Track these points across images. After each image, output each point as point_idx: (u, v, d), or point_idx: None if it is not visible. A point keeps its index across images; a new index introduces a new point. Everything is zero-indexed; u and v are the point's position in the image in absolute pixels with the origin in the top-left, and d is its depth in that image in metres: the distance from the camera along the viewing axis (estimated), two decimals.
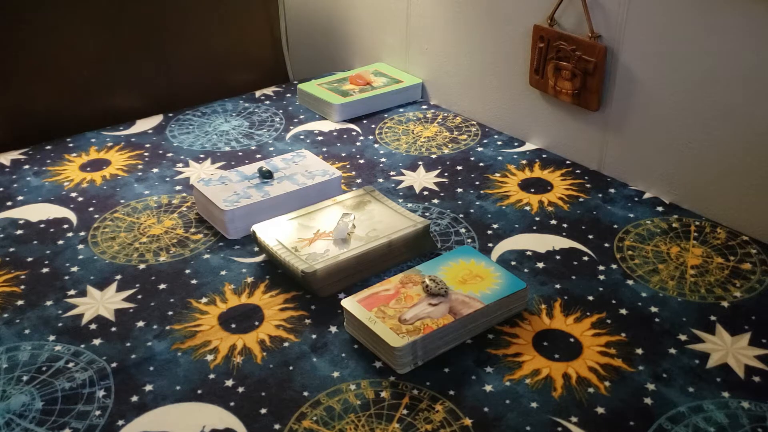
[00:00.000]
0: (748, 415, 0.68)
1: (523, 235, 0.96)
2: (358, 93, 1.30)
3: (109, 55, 1.28)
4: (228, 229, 0.95)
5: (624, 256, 0.91)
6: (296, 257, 0.85)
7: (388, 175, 1.10)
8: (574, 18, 1.06)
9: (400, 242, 0.89)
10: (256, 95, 1.38)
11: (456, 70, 1.29)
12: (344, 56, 1.53)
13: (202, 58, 1.40)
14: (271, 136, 1.23)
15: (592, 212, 1.00)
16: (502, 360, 0.75)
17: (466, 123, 1.27)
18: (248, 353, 0.77)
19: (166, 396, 0.72)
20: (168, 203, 1.04)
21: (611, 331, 0.79)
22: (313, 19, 1.57)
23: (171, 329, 0.80)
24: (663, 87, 0.99)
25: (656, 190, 1.04)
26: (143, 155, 1.17)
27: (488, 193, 1.05)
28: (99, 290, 0.86)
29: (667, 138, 1.01)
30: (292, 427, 0.68)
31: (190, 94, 1.37)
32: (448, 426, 0.68)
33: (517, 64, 1.17)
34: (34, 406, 0.70)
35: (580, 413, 0.69)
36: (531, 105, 1.18)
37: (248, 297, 0.85)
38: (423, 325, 0.74)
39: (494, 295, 0.78)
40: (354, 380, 0.73)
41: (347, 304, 0.78)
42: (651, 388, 0.72)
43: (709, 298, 0.84)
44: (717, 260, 0.90)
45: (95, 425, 0.68)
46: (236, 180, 1.00)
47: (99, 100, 1.30)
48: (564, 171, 1.11)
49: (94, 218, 1.00)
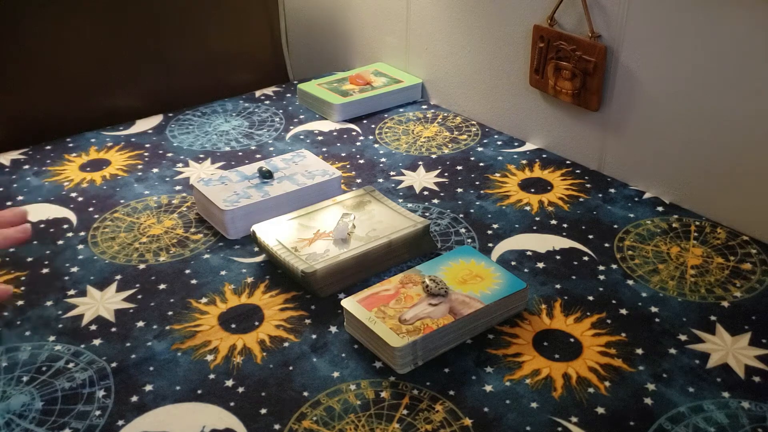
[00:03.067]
0: (748, 415, 0.68)
1: (523, 235, 0.96)
2: (358, 93, 1.30)
3: (109, 55, 1.28)
4: (228, 229, 0.95)
5: (624, 256, 0.91)
6: (296, 257, 0.85)
7: (388, 175, 1.10)
8: (574, 18, 1.06)
9: (400, 242, 0.89)
10: (256, 95, 1.38)
11: (456, 70, 1.29)
12: (344, 56, 1.53)
13: (202, 58, 1.40)
14: (271, 136, 1.23)
15: (592, 212, 1.00)
16: (502, 360, 0.75)
17: (466, 123, 1.27)
18: (248, 353, 0.77)
19: (166, 396, 0.72)
20: (168, 203, 1.04)
21: (611, 331, 0.79)
22: (313, 19, 1.57)
23: (171, 329, 0.80)
24: (663, 87, 0.99)
25: (656, 190, 1.04)
26: (143, 155, 1.17)
27: (488, 193, 1.05)
28: (99, 290, 0.86)
29: (667, 138, 1.01)
30: (292, 427, 0.68)
31: (190, 94, 1.37)
32: (448, 426, 0.68)
33: (517, 64, 1.17)
34: (34, 406, 0.70)
35: (580, 413, 0.69)
36: (531, 105, 1.18)
37: (248, 297, 0.85)
38: (423, 325, 0.74)
39: (494, 295, 0.79)
40: (354, 380, 0.73)
41: (347, 304, 0.78)
42: (651, 388, 0.72)
43: (710, 298, 0.84)
44: (717, 260, 0.90)
45: (95, 425, 0.68)
46: (236, 180, 1.00)
47: (99, 100, 1.30)
48: (564, 171, 1.11)
49: (94, 218, 1.00)
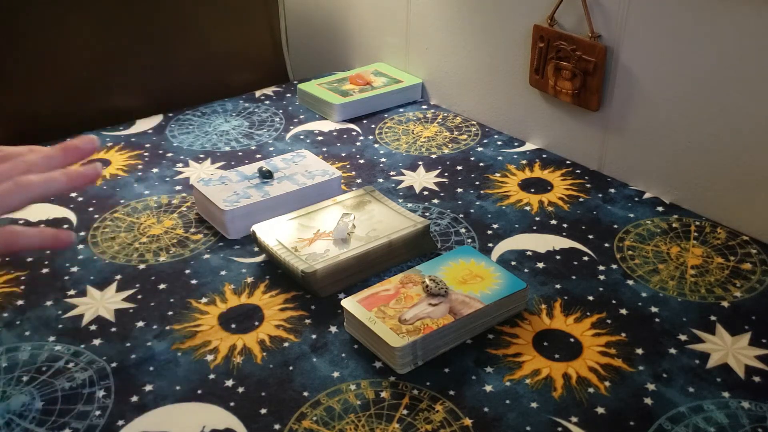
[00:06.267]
0: (748, 415, 0.68)
1: (523, 235, 0.96)
2: (358, 93, 1.30)
3: (109, 55, 1.28)
4: (228, 229, 0.95)
5: (624, 256, 0.91)
6: (296, 257, 0.85)
7: (388, 175, 1.10)
8: (574, 18, 1.06)
9: (400, 242, 0.89)
10: (256, 95, 1.38)
11: (456, 70, 1.29)
12: (344, 56, 1.53)
13: (202, 58, 1.40)
14: (271, 136, 1.23)
15: (592, 212, 1.00)
16: (502, 360, 0.75)
17: (466, 123, 1.27)
18: (248, 353, 0.77)
19: (166, 396, 0.72)
20: (168, 203, 1.04)
21: (611, 331, 0.79)
22: (313, 19, 1.57)
23: (171, 329, 0.80)
24: (663, 87, 0.99)
25: (656, 190, 1.04)
26: (143, 155, 1.17)
27: (488, 193, 1.05)
28: (99, 290, 0.86)
29: (667, 138, 1.01)
30: (292, 427, 0.68)
31: (190, 94, 1.37)
32: (448, 426, 0.68)
33: (517, 64, 1.17)
34: (34, 406, 0.70)
35: (580, 413, 0.69)
36: (531, 105, 1.18)
37: (248, 297, 0.85)
38: (423, 325, 0.74)
39: (494, 295, 0.79)
40: (354, 380, 0.73)
41: (347, 304, 0.78)
42: (651, 388, 0.72)
43: (709, 298, 0.84)
44: (717, 260, 0.90)
45: (95, 425, 0.68)
46: (236, 180, 1.00)
47: (99, 100, 1.30)
48: (564, 171, 1.11)
49: (94, 218, 1.00)
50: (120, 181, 1.09)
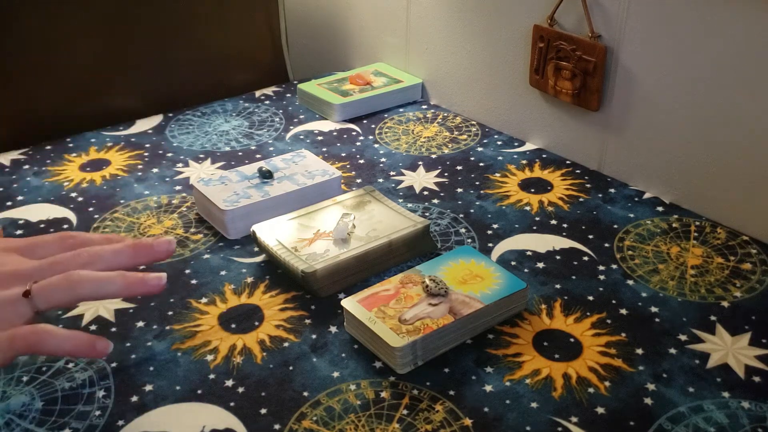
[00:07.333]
0: (748, 415, 0.68)
1: (523, 235, 0.96)
2: (358, 93, 1.30)
3: (109, 55, 1.28)
4: (228, 229, 0.95)
5: (624, 256, 0.91)
6: (296, 257, 0.85)
7: (388, 175, 1.10)
8: (574, 18, 1.06)
9: (400, 242, 0.89)
10: (256, 95, 1.38)
11: (456, 70, 1.29)
12: (344, 56, 1.53)
13: (202, 58, 1.40)
14: (271, 136, 1.23)
15: (592, 212, 1.00)
16: (502, 360, 0.75)
17: (466, 123, 1.27)
18: (248, 353, 0.77)
19: (166, 396, 0.72)
20: (168, 203, 1.04)
21: (611, 331, 0.79)
22: (313, 19, 1.57)
23: (171, 329, 0.80)
24: (663, 87, 0.99)
25: (656, 190, 1.04)
26: (143, 155, 1.17)
27: (488, 193, 1.05)
28: None
29: (667, 138, 1.01)
30: (292, 427, 0.68)
31: (190, 94, 1.37)
32: (448, 426, 0.68)
33: (517, 64, 1.17)
34: (34, 406, 0.70)
35: (580, 413, 0.69)
36: (531, 105, 1.18)
37: (248, 297, 0.85)
38: (423, 325, 0.74)
39: (494, 295, 0.78)
40: (354, 380, 0.73)
41: (347, 304, 0.78)
42: (651, 388, 0.72)
43: (709, 298, 0.84)
44: (717, 260, 0.90)
45: (95, 425, 0.68)
46: (236, 180, 1.00)
47: (99, 100, 1.30)
48: (564, 171, 1.11)
49: (94, 218, 1.00)
50: (120, 181, 1.09)
